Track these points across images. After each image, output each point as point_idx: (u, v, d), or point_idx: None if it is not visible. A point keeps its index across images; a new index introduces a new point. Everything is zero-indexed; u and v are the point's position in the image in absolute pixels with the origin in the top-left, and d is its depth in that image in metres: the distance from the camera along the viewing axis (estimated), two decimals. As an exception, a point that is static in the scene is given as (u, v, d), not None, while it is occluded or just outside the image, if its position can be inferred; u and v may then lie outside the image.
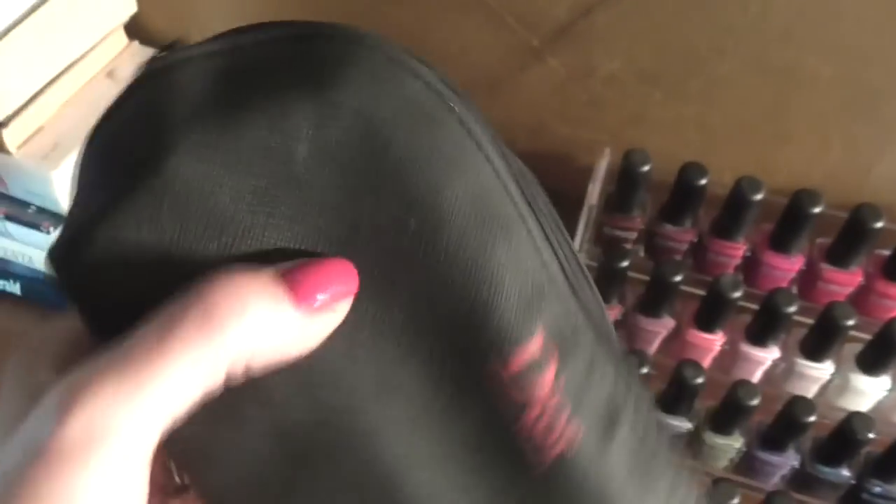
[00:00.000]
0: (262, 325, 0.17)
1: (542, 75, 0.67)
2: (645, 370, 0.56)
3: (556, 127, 0.71)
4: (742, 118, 0.63)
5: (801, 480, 0.58)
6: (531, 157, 0.72)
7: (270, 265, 0.18)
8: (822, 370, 0.56)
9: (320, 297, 0.18)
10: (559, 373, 0.21)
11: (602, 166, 0.60)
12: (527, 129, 0.72)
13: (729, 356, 0.59)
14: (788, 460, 0.57)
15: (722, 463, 0.60)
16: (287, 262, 0.18)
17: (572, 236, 0.60)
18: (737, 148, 0.65)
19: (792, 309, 0.53)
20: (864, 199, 0.62)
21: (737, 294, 0.54)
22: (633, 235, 0.60)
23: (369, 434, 0.20)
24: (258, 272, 0.18)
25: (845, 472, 0.56)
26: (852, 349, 0.57)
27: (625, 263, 0.56)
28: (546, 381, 0.20)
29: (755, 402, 0.54)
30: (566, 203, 0.59)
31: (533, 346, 0.20)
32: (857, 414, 0.54)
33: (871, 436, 0.53)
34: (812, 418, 0.53)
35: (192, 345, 0.17)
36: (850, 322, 0.52)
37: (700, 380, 0.55)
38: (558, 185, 0.70)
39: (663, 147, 0.67)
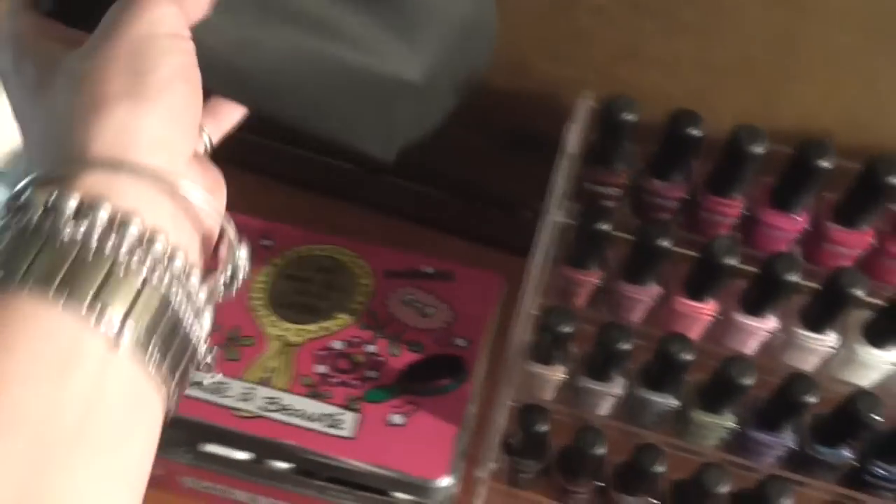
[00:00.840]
0: None
1: (523, 4, 0.59)
2: (627, 346, 0.50)
3: (538, 63, 0.63)
4: (745, 53, 0.56)
5: (798, 461, 0.52)
6: (513, 96, 0.64)
7: None
8: (825, 342, 0.50)
9: None
10: None
11: (582, 111, 0.53)
12: (507, 65, 0.64)
13: (721, 326, 0.52)
14: (784, 441, 0.51)
15: (711, 442, 0.54)
16: None
17: (549, 190, 0.53)
18: (739, 88, 0.58)
19: (794, 276, 0.47)
20: (881, 146, 0.55)
21: (732, 259, 0.48)
22: (617, 191, 0.53)
23: None
24: None
25: (846, 453, 0.51)
26: (859, 317, 0.51)
27: (605, 225, 0.50)
28: None
29: (749, 380, 0.48)
30: (551, 149, 0.52)
31: None
32: (863, 393, 0.48)
33: (876, 417, 0.47)
34: (813, 399, 0.48)
35: None
36: (859, 291, 0.46)
37: (688, 356, 0.49)
38: (542, 129, 0.63)
39: (656, 87, 0.60)
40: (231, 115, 0.35)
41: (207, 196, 0.27)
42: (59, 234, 0.23)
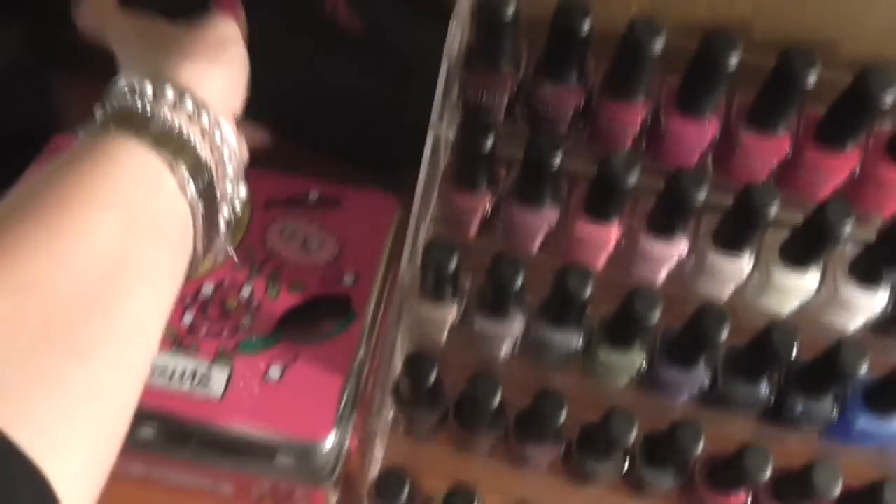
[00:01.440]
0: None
1: None
2: (520, 281, 0.44)
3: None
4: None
5: (712, 398, 0.47)
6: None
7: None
8: (738, 266, 0.45)
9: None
10: None
11: (464, 5, 0.45)
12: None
13: (627, 251, 0.46)
14: (698, 377, 0.46)
15: (621, 382, 0.49)
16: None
17: (431, 96, 0.45)
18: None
19: (700, 194, 0.41)
20: (801, 35, 0.49)
21: (632, 178, 0.41)
22: (504, 98, 0.45)
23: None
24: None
25: (763, 389, 0.46)
26: (776, 237, 0.45)
27: (488, 141, 0.43)
28: None
29: (655, 315, 0.43)
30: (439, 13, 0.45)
31: None
32: (778, 324, 0.42)
33: (794, 351, 0.42)
34: (724, 333, 0.42)
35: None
36: (773, 209, 0.40)
37: (587, 292, 0.43)
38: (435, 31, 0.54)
39: None
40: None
41: (235, 135, 0.38)
42: (162, 111, 0.35)
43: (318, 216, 0.59)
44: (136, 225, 0.31)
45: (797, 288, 0.44)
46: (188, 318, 0.53)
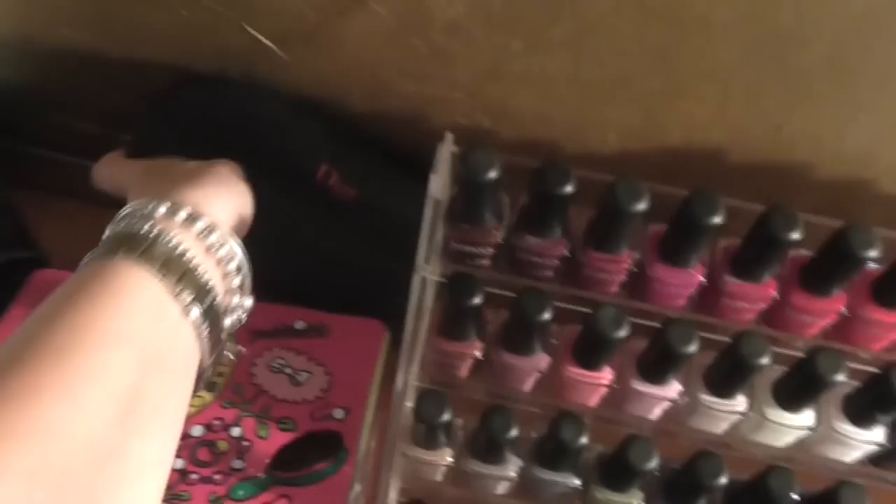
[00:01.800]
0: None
1: (368, 23, 0.51)
2: (513, 433, 0.43)
3: (399, 84, 0.55)
4: (622, 70, 0.48)
5: (714, 535, 0.47)
6: (376, 119, 0.55)
7: None
8: (732, 407, 0.44)
9: None
10: None
11: (444, 157, 0.45)
12: (365, 88, 0.56)
13: (620, 394, 0.46)
14: (697, 515, 0.46)
15: (620, 518, 0.48)
16: None
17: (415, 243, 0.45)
18: (620, 106, 0.51)
19: (692, 348, 0.41)
20: (778, 158, 0.49)
21: (619, 332, 0.41)
22: (489, 249, 0.45)
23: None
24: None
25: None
26: (768, 377, 0.45)
27: (475, 299, 0.42)
28: None
29: (651, 462, 0.42)
30: (424, 172, 0.45)
31: None
32: (776, 470, 0.42)
33: (793, 496, 0.42)
34: (722, 479, 0.42)
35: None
36: (764, 360, 0.40)
37: (582, 441, 0.43)
38: (412, 151, 0.55)
39: (532, 106, 0.53)
40: None
41: (243, 250, 0.40)
42: (169, 233, 0.35)
43: (305, 346, 0.58)
44: (145, 358, 0.32)
45: (792, 426, 0.44)
46: (179, 463, 0.52)
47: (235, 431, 0.54)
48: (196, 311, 0.35)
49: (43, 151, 0.70)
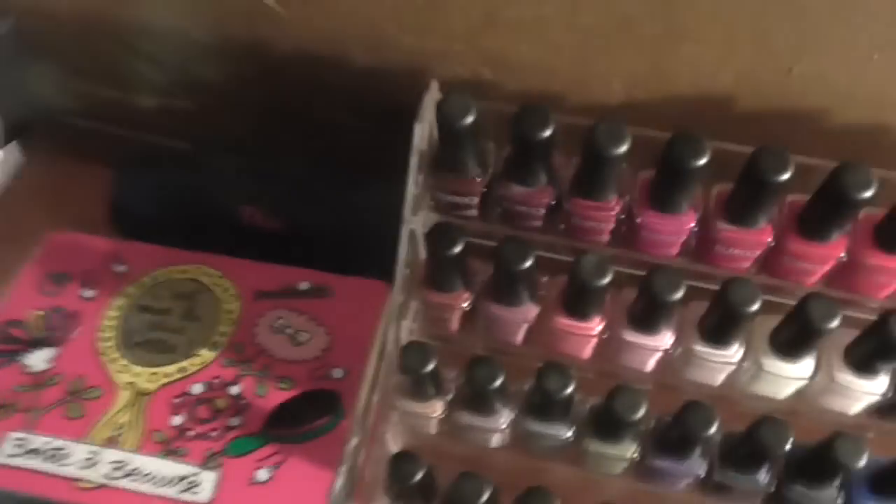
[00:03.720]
0: None
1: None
2: (499, 383, 0.43)
3: (398, 37, 0.54)
4: (622, 13, 0.46)
5: (710, 488, 0.46)
6: (375, 74, 0.55)
7: None
8: (727, 357, 0.43)
9: None
10: None
11: (429, 104, 0.44)
12: (364, 43, 0.55)
13: (612, 343, 0.45)
14: (692, 468, 0.45)
15: (615, 471, 0.48)
16: None
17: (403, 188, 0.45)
18: (623, 51, 0.49)
19: (678, 295, 0.39)
20: (789, 104, 0.47)
21: (605, 280, 0.40)
22: (474, 200, 0.44)
23: None
24: None
25: (763, 478, 0.44)
26: (766, 325, 0.43)
27: (458, 248, 0.42)
28: None
29: (640, 413, 0.41)
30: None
31: None
32: (769, 421, 0.41)
33: (787, 446, 0.40)
34: (713, 429, 0.41)
35: None
36: (755, 307, 0.38)
37: (568, 391, 0.42)
38: (411, 109, 0.54)
39: (532, 56, 0.51)
40: None
41: None
42: None
43: (307, 307, 0.58)
44: None
45: (790, 376, 0.43)
46: (178, 419, 0.53)
47: (234, 390, 0.54)
48: None
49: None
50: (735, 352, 0.43)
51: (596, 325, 0.44)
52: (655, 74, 0.49)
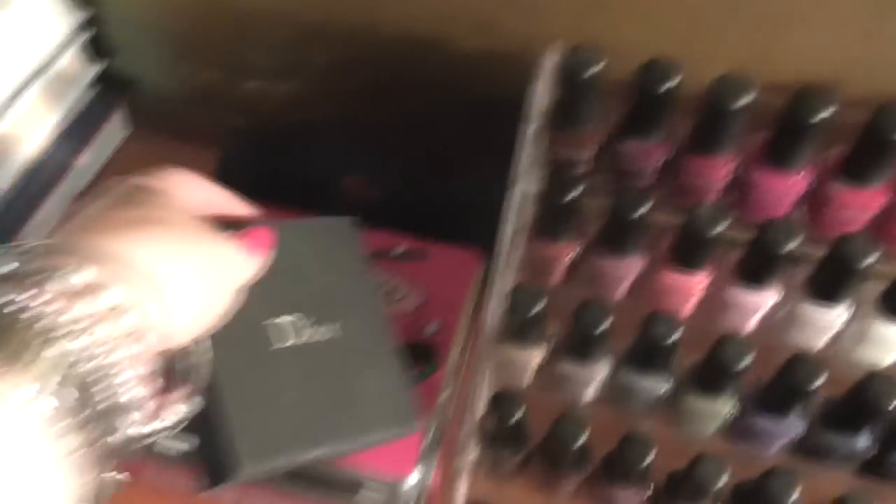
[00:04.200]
0: None
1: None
2: (606, 326, 0.44)
3: (503, 20, 0.56)
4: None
5: (808, 449, 0.46)
6: (480, 58, 0.57)
7: None
8: (833, 316, 0.44)
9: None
10: None
11: (547, 67, 0.46)
12: (470, 25, 0.58)
13: (716, 300, 0.46)
14: (791, 427, 0.45)
15: (710, 429, 0.49)
16: None
17: (511, 157, 0.47)
18: (728, 37, 0.50)
19: (791, 245, 0.40)
20: (890, 94, 0.48)
21: (718, 229, 0.41)
22: (589, 155, 0.46)
23: None
24: None
25: (863, 441, 0.45)
26: (874, 288, 0.44)
27: (574, 195, 0.44)
28: None
29: (745, 363, 0.42)
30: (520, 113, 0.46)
31: None
32: (877, 375, 0.41)
33: (894, 403, 0.41)
34: (818, 383, 0.42)
35: None
36: (869, 260, 0.39)
37: (674, 338, 0.43)
38: (514, 91, 0.57)
39: (636, 41, 0.52)
40: None
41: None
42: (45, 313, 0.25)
43: (403, 269, 0.61)
44: None
45: (896, 340, 0.43)
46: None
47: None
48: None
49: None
50: (842, 313, 0.44)
51: (702, 280, 0.45)
52: (760, 59, 0.50)
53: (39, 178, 0.68)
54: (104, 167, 0.74)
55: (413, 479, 0.50)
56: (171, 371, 0.29)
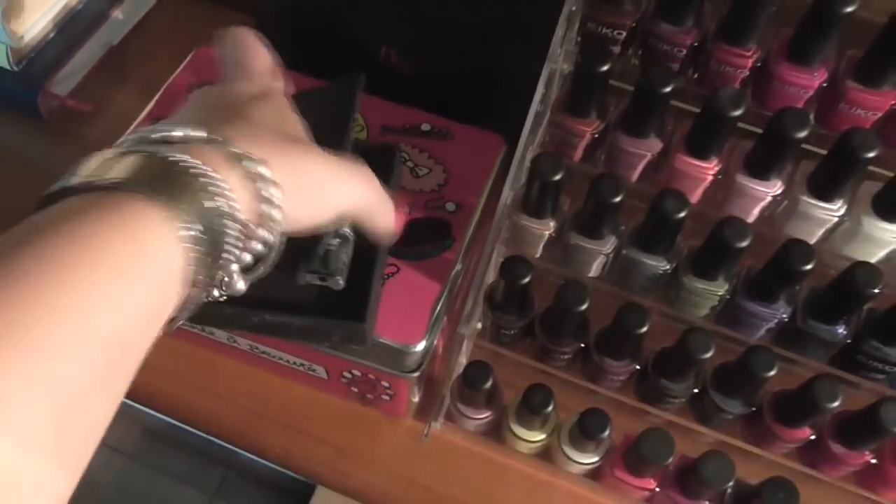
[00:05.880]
0: None
1: None
2: (618, 199, 0.47)
3: None
4: None
5: (789, 336, 0.50)
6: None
7: None
8: (830, 211, 0.47)
9: None
10: None
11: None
12: None
13: (723, 188, 0.49)
14: (778, 312, 0.49)
15: (702, 311, 0.52)
16: None
17: (551, 34, 0.49)
18: None
19: (802, 133, 0.43)
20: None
21: (737, 112, 0.44)
22: (623, 35, 0.49)
23: None
24: None
25: (841, 330, 0.48)
26: (870, 189, 0.47)
27: (605, 67, 0.46)
28: None
29: (744, 242, 0.46)
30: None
31: None
32: (864, 265, 0.45)
33: (876, 290, 0.44)
34: (810, 265, 0.45)
35: None
36: (872, 154, 0.42)
37: (683, 213, 0.46)
38: None
39: None
40: None
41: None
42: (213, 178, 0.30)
43: (428, 146, 0.63)
44: (136, 296, 0.27)
45: (886, 238, 0.47)
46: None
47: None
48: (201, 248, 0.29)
49: None
50: (838, 207, 0.47)
51: (713, 167, 0.48)
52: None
53: (77, 26, 0.70)
54: (139, 23, 0.75)
55: (420, 346, 0.53)
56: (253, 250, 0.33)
